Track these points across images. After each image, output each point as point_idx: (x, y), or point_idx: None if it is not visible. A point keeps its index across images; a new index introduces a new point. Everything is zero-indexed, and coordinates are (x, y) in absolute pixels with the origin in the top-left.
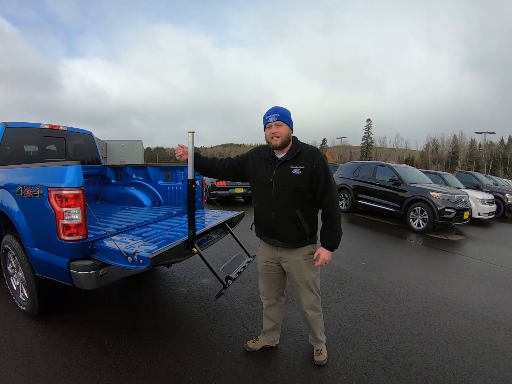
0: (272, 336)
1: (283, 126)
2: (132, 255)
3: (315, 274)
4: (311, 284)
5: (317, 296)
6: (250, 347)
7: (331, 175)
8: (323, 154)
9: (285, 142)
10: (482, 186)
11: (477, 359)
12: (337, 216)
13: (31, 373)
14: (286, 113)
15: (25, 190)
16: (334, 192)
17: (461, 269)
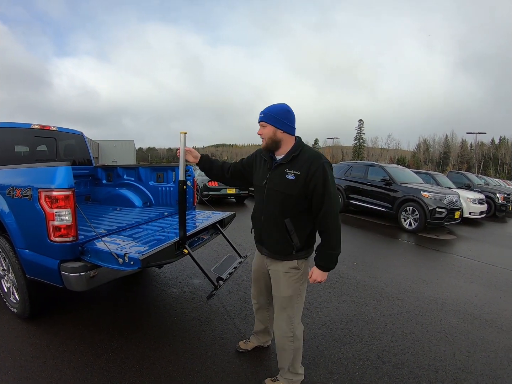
0: (263, 337)
1: (267, 127)
2: (123, 256)
3: (294, 293)
4: (284, 301)
5: (289, 319)
6: (242, 348)
7: (331, 185)
8: (325, 161)
9: (269, 144)
10: (473, 186)
11: (469, 357)
12: (335, 232)
13: (22, 376)
14: (273, 112)
15: (15, 191)
16: (332, 204)
17: (452, 268)
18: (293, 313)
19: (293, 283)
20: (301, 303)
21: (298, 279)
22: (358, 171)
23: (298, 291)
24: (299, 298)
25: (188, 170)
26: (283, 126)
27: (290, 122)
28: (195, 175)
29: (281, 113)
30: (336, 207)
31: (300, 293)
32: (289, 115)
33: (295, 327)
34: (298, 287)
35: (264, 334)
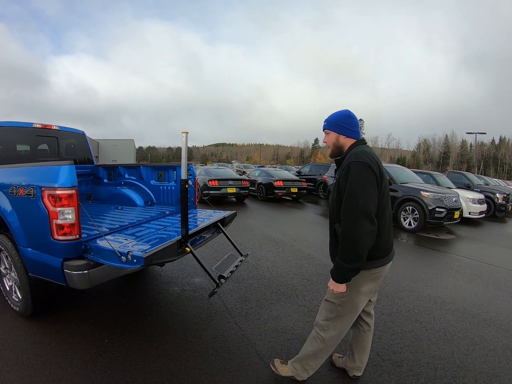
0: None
1: (330, 134)
2: (126, 254)
3: (335, 301)
4: (326, 304)
5: (325, 322)
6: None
7: (353, 186)
8: (354, 160)
9: (334, 151)
10: (472, 186)
11: (468, 355)
12: (347, 239)
13: (25, 374)
14: (335, 119)
15: (18, 190)
16: (348, 207)
17: (451, 267)
18: (331, 318)
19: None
20: (341, 313)
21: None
22: None
23: (339, 302)
24: (340, 308)
25: (190, 169)
26: (345, 131)
27: (352, 126)
28: (196, 174)
29: (342, 119)
30: (352, 213)
31: (342, 304)
32: (350, 120)
33: (329, 331)
34: (339, 298)
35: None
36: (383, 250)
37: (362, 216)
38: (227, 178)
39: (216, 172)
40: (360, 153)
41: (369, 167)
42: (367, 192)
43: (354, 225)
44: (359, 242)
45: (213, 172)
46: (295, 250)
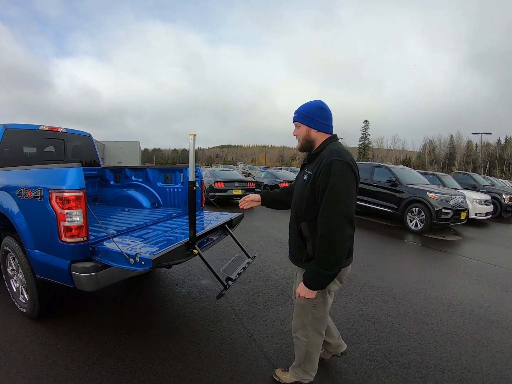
0: (335, 347)
1: (301, 127)
2: (134, 256)
3: (307, 304)
4: (298, 308)
5: (303, 325)
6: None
7: (337, 187)
8: (336, 159)
9: (304, 145)
10: (479, 187)
11: (475, 357)
12: (327, 243)
13: (32, 375)
14: (306, 110)
15: (25, 192)
16: (331, 209)
17: (458, 269)
18: (308, 321)
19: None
20: (317, 315)
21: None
22: (363, 172)
23: (311, 303)
24: (314, 310)
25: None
26: (317, 125)
27: (325, 119)
28: (202, 176)
29: (314, 111)
30: (337, 214)
31: (316, 306)
32: (323, 112)
33: (309, 334)
34: (311, 299)
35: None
36: (350, 249)
37: (345, 219)
38: (233, 179)
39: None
40: (341, 151)
41: (351, 167)
42: (350, 194)
43: (337, 229)
44: (341, 247)
45: (219, 174)
46: None
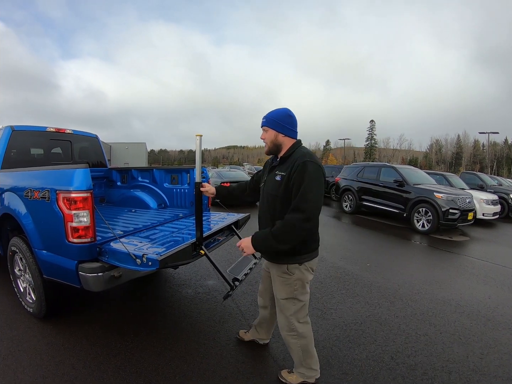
0: (261, 334)
1: (269, 132)
2: (141, 257)
3: (288, 297)
4: (280, 303)
5: (287, 320)
6: (240, 336)
7: (310, 184)
8: (308, 159)
9: (271, 148)
10: (486, 187)
11: (482, 359)
12: (288, 226)
13: (39, 375)
14: (275, 117)
15: (33, 193)
16: (304, 203)
17: (465, 269)
18: (291, 314)
19: (287, 287)
20: (299, 305)
21: (292, 284)
22: (370, 172)
23: (292, 295)
24: (296, 301)
25: (203, 172)
26: (284, 130)
27: (291, 126)
28: (209, 177)
29: (282, 118)
30: (305, 205)
31: (296, 297)
32: (290, 119)
33: (296, 326)
34: (292, 291)
35: (261, 330)
36: (317, 242)
37: (313, 214)
38: (239, 180)
39: (228, 174)
40: (312, 154)
41: (321, 169)
42: (321, 193)
43: (305, 220)
44: (300, 236)
45: (225, 175)
46: None
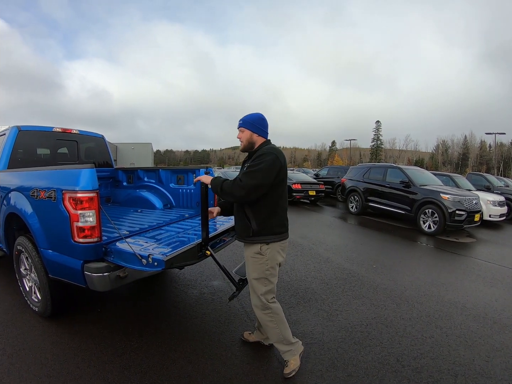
0: (263, 334)
1: (245, 132)
2: (147, 257)
3: (260, 276)
4: (253, 283)
5: (261, 301)
6: (244, 337)
7: (257, 165)
8: (266, 152)
9: (246, 146)
10: (492, 188)
11: (488, 362)
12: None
13: (43, 373)
14: (250, 119)
15: (39, 192)
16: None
17: (472, 271)
18: (262, 293)
19: (259, 266)
20: (270, 286)
21: (264, 264)
22: (376, 173)
23: (264, 275)
24: (267, 282)
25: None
26: (258, 131)
27: (264, 127)
28: None
29: (256, 120)
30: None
31: (267, 277)
32: (263, 122)
33: (270, 304)
34: (264, 271)
35: (263, 329)
36: (285, 227)
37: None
38: None
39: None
40: (273, 148)
41: (277, 157)
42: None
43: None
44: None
45: (231, 175)
46: (313, 254)
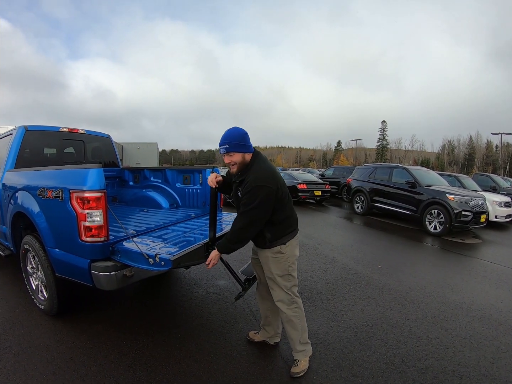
0: (270, 333)
1: (235, 155)
2: (154, 257)
3: (284, 273)
4: (277, 279)
5: (289, 295)
6: (250, 337)
7: (252, 203)
8: (259, 184)
9: (242, 168)
10: (499, 189)
11: (493, 364)
12: (235, 231)
13: (49, 371)
14: (235, 139)
15: (46, 192)
16: (244, 215)
17: (478, 273)
18: (288, 287)
19: (282, 264)
20: (294, 280)
21: (286, 261)
22: (382, 173)
23: (287, 272)
24: (291, 277)
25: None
26: (248, 149)
27: (249, 142)
28: None
29: (241, 139)
30: (244, 220)
31: (290, 273)
32: (247, 137)
33: (296, 298)
34: (287, 268)
35: (268, 327)
36: (296, 223)
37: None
38: None
39: None
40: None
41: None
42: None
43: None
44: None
45: None
46: (319, 254)
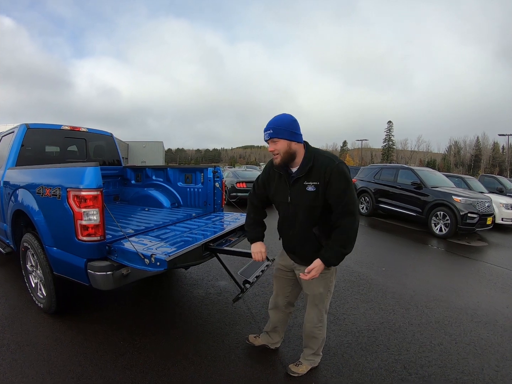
0: (273, 338)
1: (279, 142)
2: (149, 257)
3: (325, 291)
4: (317, 298)
5: (320, 313)
6: (250, 341)
7: (348, 185)
8: (338, 162)
9: (286, 158)
10: (505, 191)
11: (498, 372)
12: (350, 231)
13: (45, 370)
14: (281, 125)
15: (44, 190)
16: (351, 202)
17: (483, 276)
18: (323, 306)
19: (324, 281)
20: (329, 297)
21: (329, 278)
22: (387, 174)
23: (328, 288)
24: (329, 294)
25: (217, 172)
26: (295, 137)
27: (299, 130)
28: (223, 177)
29: (290, 125)
30: (353, 208)
31: (330, 289)
32: (296, 124)
33: (324, 317)
34: (328, 284)
35: (274, 334)
36: None
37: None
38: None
39: (244, 174)
40: (332, 156)
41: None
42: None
43: (357, 221)
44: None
45: (241, 174)
46: None
